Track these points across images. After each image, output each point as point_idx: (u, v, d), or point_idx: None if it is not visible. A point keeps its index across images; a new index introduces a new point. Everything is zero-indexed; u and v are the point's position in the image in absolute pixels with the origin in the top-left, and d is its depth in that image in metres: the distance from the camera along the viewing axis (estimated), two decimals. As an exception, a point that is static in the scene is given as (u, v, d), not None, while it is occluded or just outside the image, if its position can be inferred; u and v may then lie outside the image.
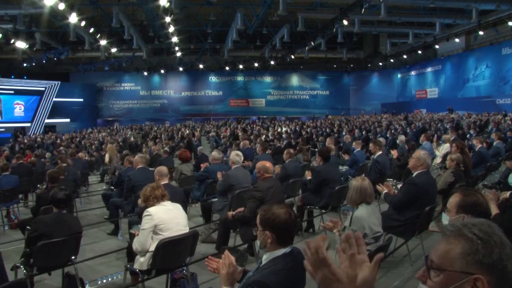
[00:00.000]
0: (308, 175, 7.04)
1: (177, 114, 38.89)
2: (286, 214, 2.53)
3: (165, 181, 5.88)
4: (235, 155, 6.97)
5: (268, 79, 41.03)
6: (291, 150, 8.90)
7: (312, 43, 27.49)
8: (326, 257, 1.30)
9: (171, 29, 22.25)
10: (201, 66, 35.83)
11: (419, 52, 30.81)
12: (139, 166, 7.31)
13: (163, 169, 6.04)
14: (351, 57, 36.23)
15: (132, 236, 4.92)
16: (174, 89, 39.99)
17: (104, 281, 5.29)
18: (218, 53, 34.63)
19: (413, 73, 37.18)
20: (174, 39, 25.39)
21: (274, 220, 2.50)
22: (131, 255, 4.49)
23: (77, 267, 4.78)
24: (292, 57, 31.24)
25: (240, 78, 40.64)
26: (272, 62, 33.69)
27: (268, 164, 5.35)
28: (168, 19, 19.62)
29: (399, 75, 39.23)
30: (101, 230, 7.80)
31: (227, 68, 36.62)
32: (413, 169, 5.11)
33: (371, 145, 8.68)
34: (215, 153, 8.15)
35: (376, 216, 4.27)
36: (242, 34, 27.52)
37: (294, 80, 41.04)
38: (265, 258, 2.52)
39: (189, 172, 9.27)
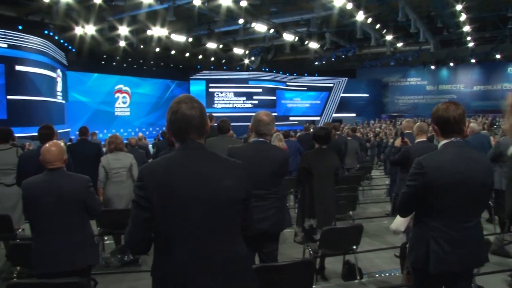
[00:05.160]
0: None
1: (468, 110, 35.88)
2: (449, 109, 2.73)
3: (423, 137, 5.60)
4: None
5: None
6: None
7: None
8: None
9: (463, 17, 20.59)
10: (498, 56, 32.16)
11: None
12: (420, 140, 5.61)
13: (424, 125, 5.79)
14: None
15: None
16: (464, 83, 36.93)
17: (382, 275, 5.31)
18: (521, 40, 30.48)
19: None
20: (466, 28, 23.39)
21: (435, 113, 2.79)
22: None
23: (357, 257, 4.92)
24: None
25: (550, 68, 34.81)
26: None
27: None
28: (459, 7, 18.25)
29: None
30: (381, 226, 7.75)
31: (531, 56, 31.91)
32: None
33: None
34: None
35: None
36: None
37: None
38: None
39: None
